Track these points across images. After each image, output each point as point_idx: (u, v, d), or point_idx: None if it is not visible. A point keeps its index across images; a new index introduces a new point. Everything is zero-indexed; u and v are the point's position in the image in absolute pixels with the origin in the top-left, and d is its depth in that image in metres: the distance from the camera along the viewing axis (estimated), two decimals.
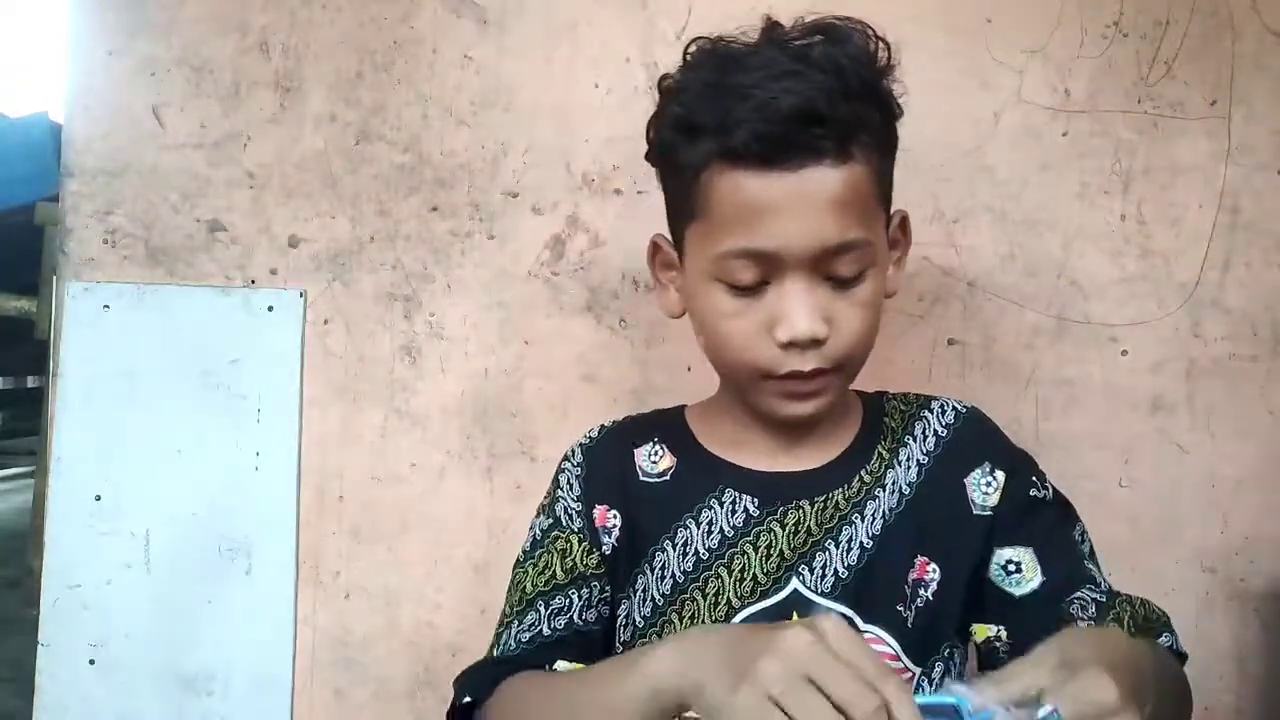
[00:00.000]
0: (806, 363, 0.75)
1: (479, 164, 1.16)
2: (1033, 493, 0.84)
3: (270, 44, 1.17)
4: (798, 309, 0.74)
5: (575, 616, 0.81)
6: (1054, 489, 0.85)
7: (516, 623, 0.81)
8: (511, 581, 0.85)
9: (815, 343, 0.75)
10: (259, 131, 1.17)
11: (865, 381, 0.93)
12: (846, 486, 0.82)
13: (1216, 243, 1.12)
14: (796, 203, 0.72)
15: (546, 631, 0.80)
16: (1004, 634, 0.80)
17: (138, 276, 1.17)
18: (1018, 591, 0.79)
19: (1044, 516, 0.83)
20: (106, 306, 1.16)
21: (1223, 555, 1.12)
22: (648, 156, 0.85)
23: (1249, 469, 1.12)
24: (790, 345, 0.75)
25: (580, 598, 0.82)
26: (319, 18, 1.17)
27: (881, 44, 0.79)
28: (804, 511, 0.81)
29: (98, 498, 1.16)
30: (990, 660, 0.80)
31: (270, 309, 1.17)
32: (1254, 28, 1.12)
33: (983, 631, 0.81)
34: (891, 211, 0.83)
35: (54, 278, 1.19)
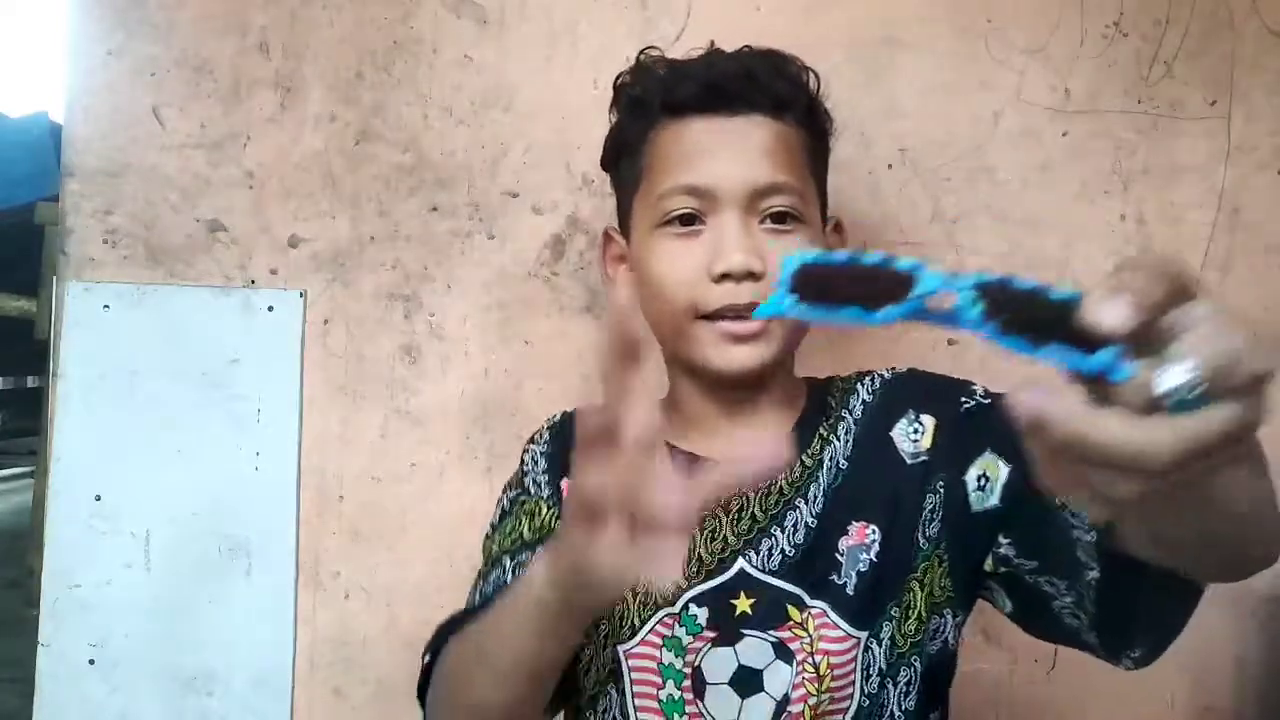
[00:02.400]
0: (741, 296, 0.78)
1: (479, 164, 1.16)
2: (965, 406, 0.81)
3: (270, 44, 1.17)
4: (733, 243, 0.78)
5: None
6: (993, 393, 0.82)
7: (483, 581, 0.83)
8: (482, 552, 0.87)
9: (750, 276, 0.78)
10: (259, 131, 1.17)
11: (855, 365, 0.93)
12: (789, 472, 0.82)
13: (1216, 243, 1.13)
14: (732, 144, 0.80)
15: (509, 580, 0.80)
16: (1012, 549, 0.75)
17: (138, 276, 1.17)
18: (995, 499, 0.76)
19: (987, 418, 0.79)
20: (106, 306, 1.16)
21: None
22: (602, 162, 0.93)
23: None
24: (725, 278, 0.78)
25: None
26: (319, 18, 1.17)
27: (812, 74, 0.88)
28: (747, 499, 0.81)
29: (98, 498, 1.16)
30: (1030, 595, 0.74)
31: (270, 309, 1.17)
32: (1254, 28, 1.12)
33: (994, 566, 0.77)
34: (828, 214, 0.89)
35: (54, 278, 1.19)
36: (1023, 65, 1.13)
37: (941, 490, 0.79)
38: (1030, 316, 0.43)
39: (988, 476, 0.78)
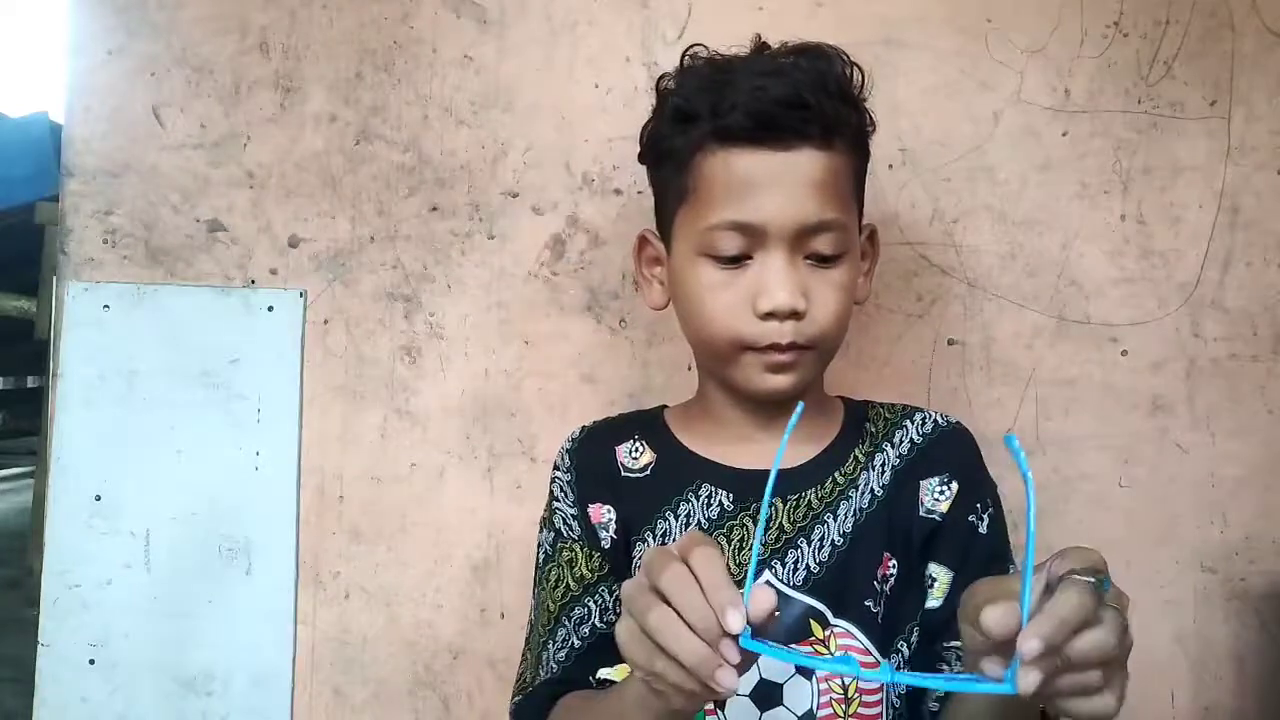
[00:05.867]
0: (784, 335, 0.79)
1: (479, 164, 1.16)
2: (971, 519, 0.85)
3: (270, 44, 1.17)
4: (778, 281, 0.78)
5: (597, 621, 0.84)
6: (996, 524, 0.86)
7: (550, 641, 0.84)
8: (536, 600, 0.88)
9: (794, 315, 0.78)
10: (259, 131, 1.17)
11: (865, 380, 0.94)
12: (819, 487, 0.84)
13: (1216, 243, 1.13)
14: (782, 180, 0.78)
15: (577, 643, 0.83)
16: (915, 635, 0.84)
17: (138, 276, 1.17)
18: (928, 603, 0.83)
19: (976, 548, 0.84)
20: (106, 306, 1.16)
21: (1223, 555, 1.12)
22: (641, 156, 0.90)
23: (1249, 469, 1.13)
24: (770, 316, 0.78)
25: (596, 604, 0.85)
26: (319, 18, 1.17)
27: (856, 69, 0.85)
28: (776, 509, 0.83)
29: (98, 498, 1.16)
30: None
31: (270, 309, 1.17)
32: (1254, 28, 1.12)
33: None
34: (864, 223, 0.88)
35: (54, 278, 1.19)
36: (1023, 65, 1.13)
37: (929, 564, 0.84)
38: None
39: (934, 584, 0.84)
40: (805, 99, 0.77)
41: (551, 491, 0.90)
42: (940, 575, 0.83)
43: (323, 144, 1.17)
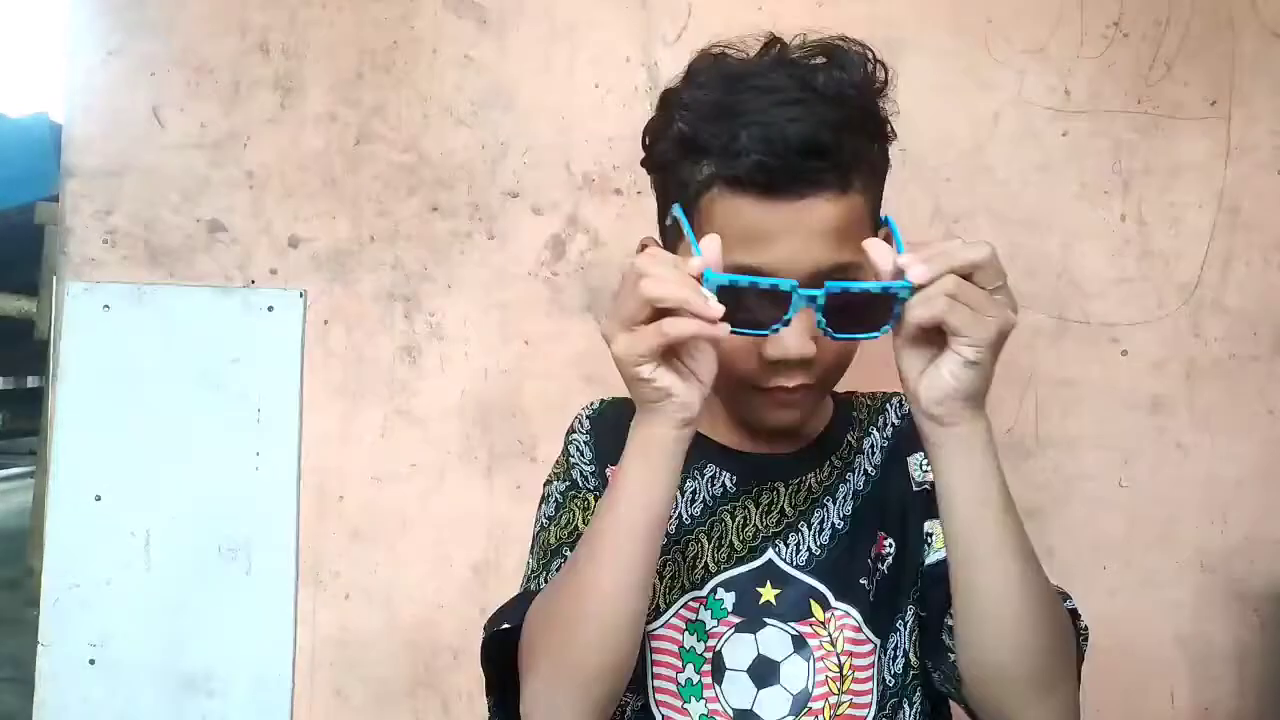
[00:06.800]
0: (792, 379, 0.77)
1: (479, 164, 1.16)
2: None
3: (270, 44, 1.17)
4: (788, 330, 0.73)
5: None
6: None
7: (544, 572, 0.83)
8: (535, 544, 0.87)
9: (803, 362, 0.76)
10: (259, 131, 1.17)
11: (864, 380, 0.94)
12: (818, 472, 0.85)
13: (1216, 243, 1.13)
14: (795, 230, 0.74)
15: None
16: (914, 601, 0.82)
17: (138, 276, 1.17)
18: (926, 560, 0.81)
19: None
20: (106, 306, 1.16)
21: (1222, 555, 1.12)
22: (644, 163, 0.86)
23: (1249, 469, 1.12)
24: (778, 362, 0.76)
25: None
26: (319, 18, 1.17)
27: (880, 67, 0.79)
28: (778, 493, 0.84)
29: (98, 498, 1.16)
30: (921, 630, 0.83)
31: (270, 309, 1.17)
32: (1254, 28, 1.12)
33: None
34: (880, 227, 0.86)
35: (54, 278, 1.19)
36: (1023, 65, 1.13)
37: (925, 523, 0.84)
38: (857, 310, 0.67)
39: (931, 539, 0.82)
40: (823, 143, 0.72)
41: (567, 450, 0.90)
42: (934, 529, 0.81)
43: (323, 144, 1.17)
